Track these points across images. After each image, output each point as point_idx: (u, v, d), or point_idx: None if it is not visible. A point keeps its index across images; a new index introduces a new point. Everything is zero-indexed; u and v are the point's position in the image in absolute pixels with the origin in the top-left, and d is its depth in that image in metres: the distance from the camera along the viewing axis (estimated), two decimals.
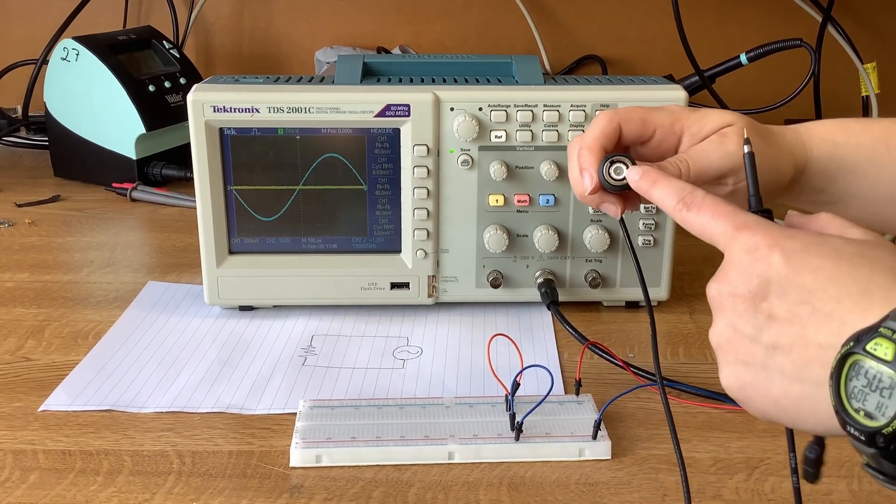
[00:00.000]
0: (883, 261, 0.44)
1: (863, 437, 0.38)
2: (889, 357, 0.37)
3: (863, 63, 1.36)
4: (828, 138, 0.60)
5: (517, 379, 0.63)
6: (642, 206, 0.79)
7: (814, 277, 0.42)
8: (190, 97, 0.76)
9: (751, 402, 0.45)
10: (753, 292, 0.43)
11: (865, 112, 1.45)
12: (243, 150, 0.78)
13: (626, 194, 0.57)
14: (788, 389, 0.43)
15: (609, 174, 0.55)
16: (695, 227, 0.50)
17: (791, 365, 0.42)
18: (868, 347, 0.38)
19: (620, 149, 0.58)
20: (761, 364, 0.43)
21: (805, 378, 0.42)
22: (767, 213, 0.52)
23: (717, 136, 0.58)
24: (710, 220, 0.49)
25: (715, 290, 0.46)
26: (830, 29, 1.41)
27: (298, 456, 0.60)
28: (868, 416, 0.38)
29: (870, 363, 0.38)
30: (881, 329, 0.38)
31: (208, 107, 0.76)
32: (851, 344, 0.39)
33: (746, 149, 0.57)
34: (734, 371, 0.45)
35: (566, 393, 0.69)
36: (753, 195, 0.53)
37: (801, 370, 0.42)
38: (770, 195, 0.59)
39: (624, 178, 0.55)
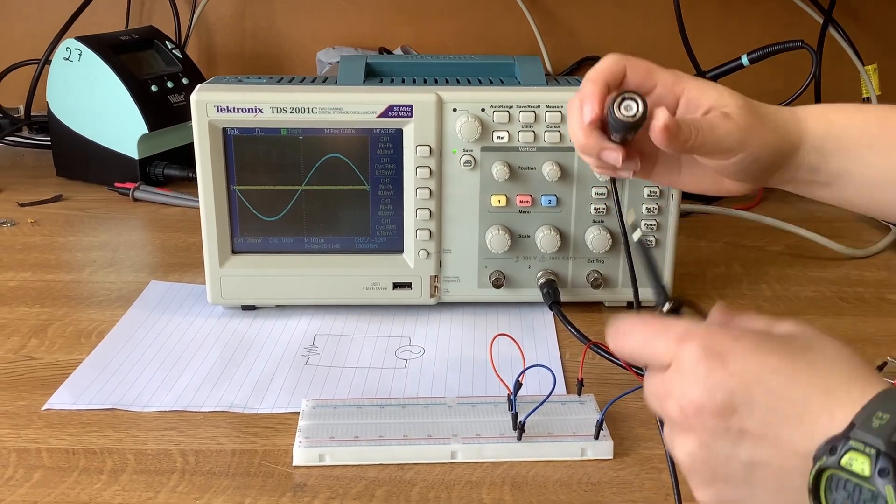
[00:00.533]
0: (830, 352, 0.44)
1: None
2: (867, 472, 0.38)
3: (864, 65, 1.36)
4: (823, 118, 0.60)
5: (519, 379, 0.63)
6: (644, 206, 0.80)
7: (776, 380, 0.42)
8: (193, 97, 0.76)
9: None
10: (721, 407, 0.42)
11: None
12: (246, 150, 0.78)
13: (627, 146, 0.55)
14: (772, 499, 0.43)
15: (619, 110, 0.53)
16: (627, 352, 0.48)
17: (772, 478, 0.42)
18: (843, 462, 0.38)
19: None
20: (742, 480, 0.43)
21: (787, 488, 0.42)
22: (679, 303, 0.50)
23: (720, 115, 0.57)
24: (650, 341, 0.46)
25: (677, 407, 0.44)
26: (831, 30, 1.42)
27: (302, 455, 0.60)
28: None
29: (847, 477, 0.38)
30: (852, 442, 0.38)
31: (212, 107, 0.76)
32: (824, 458, 0.39)
33: (635, 237, 0.57)
34: (715, 490, 0.44)
35: (568, 393, 0.70)
36: (655, 288, 0.51)
37: (782, 481, 0.42)
38: (766, 175, 0.60)
39: (634, 114, 0.52)
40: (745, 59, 1.14)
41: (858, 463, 0.38)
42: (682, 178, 0.62)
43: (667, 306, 0.49)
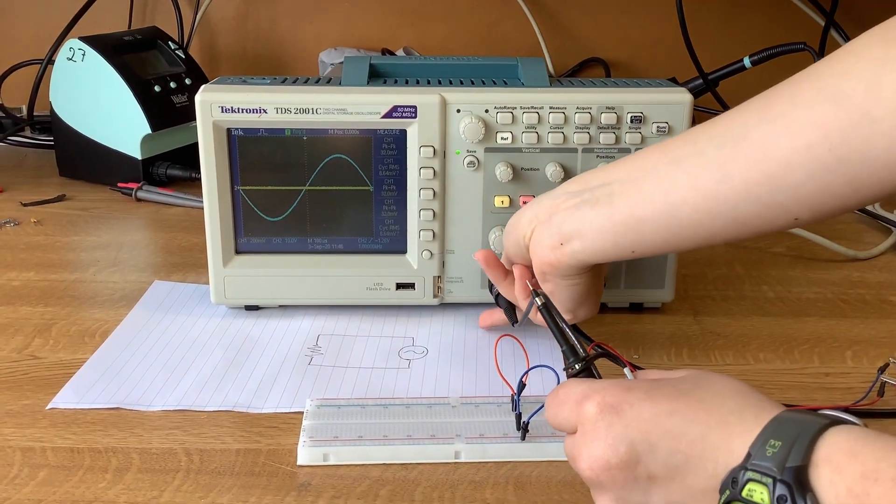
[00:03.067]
0: (720, 386, 0.46)
1: None
2: (766, 501, 0.39)
3: None
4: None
5: (523, 379, 0.63)
6: None
7: (672, 422, 0.44)
8: (198, 98, 0.76)
9: None
10: (625, 459, 0.44)
11: None
12: (250, 150, 0.78)
13: None
14: None
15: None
16: (554, 424, 0.51)
17: None
18: (745, 494, 0.40)
19: None
20: None
21: None
22: (587, 360, 0.55)
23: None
24: (557, 411, 0.49)
25: (587, 468, 0.46)
26: (833, 33, 1.42)
27: (306, 454, 0.60)
28: None
29: None
30: (749, 473, 0.40)
31: (216, 107, 0.76)
32: (728, 492, 0.41)
33: (539, 301, 0.60)
34: None
35: None
36: (565, 348, 0.56)
37: None
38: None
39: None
40: (747, 61, 1.14)
41: (758, 493, 0.39)
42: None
43: (577, 367, 0.54)
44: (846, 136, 0.48)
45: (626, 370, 0.55)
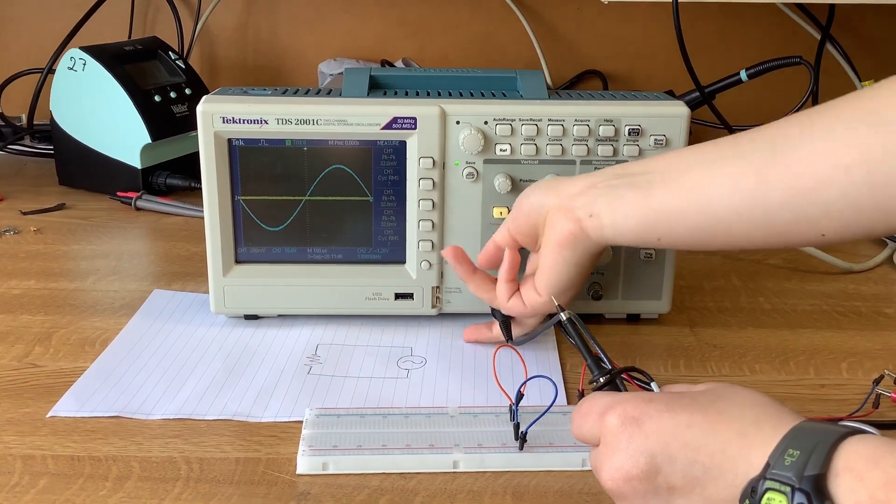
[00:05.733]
0: (740, 398, 0.47)
1: None
2: None
3: (861, 80, 1.38)
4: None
5: (521, 389, 0.64)
6: None
7: (692, 434, 0.45)
8: (200, 108, 0.77)
9: None
10: (645, 471, 0.45)
11: None
12: (251, 160, 0.79)
13: None
14: None
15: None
16: (578, 437, 0.52)
17: None
18: (763, 502, 0.41)
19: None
20: None
21: None
22: (612, 374, 0.56)
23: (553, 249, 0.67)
24: (581, 424, 0.51)
25: (609, 480, 0.47)
26: (829, 47, 1.43)
27: (305, 463, 0.61)
28: None
29: None
30: (768, 482, 0.41)
31: (217, 118, 0.77)
32: (747, 502, 0.41)
33: (564, 316, 0.62)
34: None
35: (569, 403, 0.70)
36: (590, 362, 0.58)
37: None
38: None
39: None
40: (743, 75, 1.15)
41: (777, 502, 0.40)
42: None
43: (601, 380, 0.55)
44: (883, 163, 0.50)
45: (653, 384, 0.56)
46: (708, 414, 0.45)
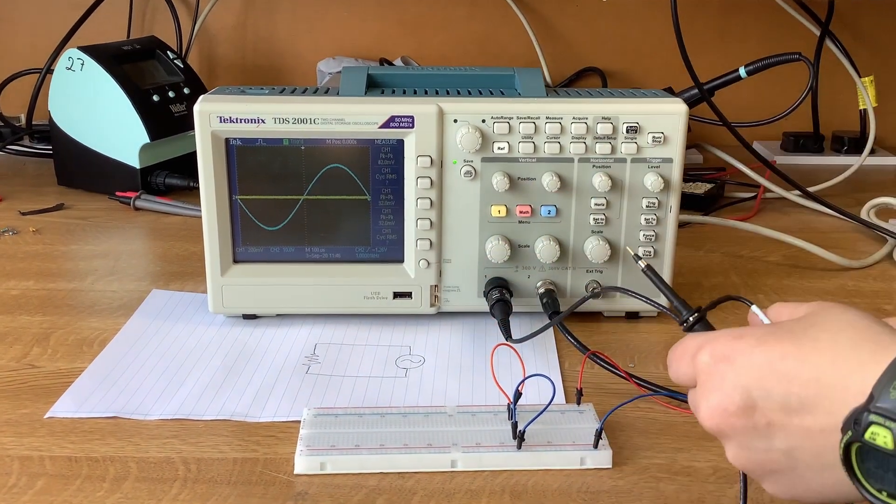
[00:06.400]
0: (836, 322, 0.44)
1: None
2: (890, 446, 0.38)
3: (860, 77, 1.38)
4: None
5: (519, 388, 0.64)
6: (642, 217, 0.80)
7: (785, 365, 0.43)
8: (197, 108, 0.77)
9: (802, 496, 0.45)
10: (742, 407, 0.44)
11: (863, 125, 1.47)
12: (249, 160, 0.79)
13: None
14: (821, 478, 0.44)
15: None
16: (675, 379, 0.50)
17: (811, 459, 0.43)
18: (867, 437, 0.39)
19: None
20: (787, 467, 0.45)
21: (828, 465, 0.42)
22: (699, 312, 0.53)
23: None
24: (677, 367, 0.49)
25: (708, 418, 0.46)
26: (829, 43, 1.43)
27: (303, 463, 0.61)
28: (891, 495, 0.39)
29: (874, 448, 0.39)
30: (872, 416, 0.39)
31: (215, 117, 0.77)
32: (850, 433, 0.40)
33: (642, 265, 0.60)
34: (772, 481, 0.46)
35: (567, 402, 0.70)
36: (676, 303, 0.55)
37: (820, 459, 0.43)
38: None
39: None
40: (742, 71, 1.15)
41: (881, 437, 0.38)
42: None
43: (690, 319, 0.53)
44: None
45: (754, 307, 0.53)
46: (801, 343, 0.43)
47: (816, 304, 0.47)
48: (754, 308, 0.53)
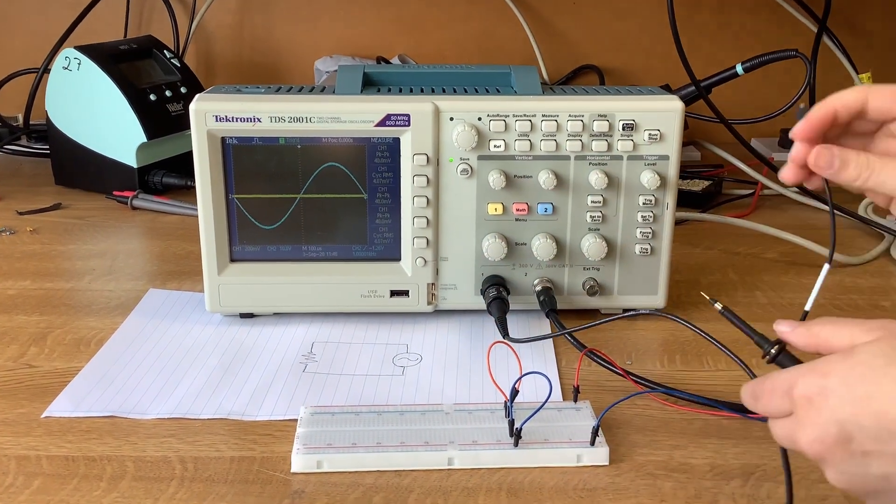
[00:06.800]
0: None
1: None
2: None
3: (858, 73, 1.38)
4: None
5: (516, 385, 0.64)
6: (639, 214, 0.80)
7: (873, 406, 0.46)
8: (192, 107, 0.77)
9: None
10: (838, 440, 0.47)
11: None
12: (245, 158, 0.79)
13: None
14: None
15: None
16: (763, 412, 0.53)
17: None
18: None
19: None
20: (886, 488, 0.48)
21: None
22: (781, 344, 0.55)
23: None
24: (768, 402, 0.52)
25: (808, 448, 0.49)
26: (826, 39, 1.43)
27: (299, 462, 0.61)
28: None
29: None
30: None
31: (210, 116, 0.77)
32: None
33: (719, 307, 0.61)
34: (872, 499, 0.49)
35: (564, 399, 0.70)
36: (756, 339, 0.56)
37: None
38: None
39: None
40: (739, 68, 1.15)
41: None
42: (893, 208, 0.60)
43: (772, 351, 0.55)
44: None
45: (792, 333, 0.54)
46: (883, 384, 0.46)
47: (879, 327, 0.50)
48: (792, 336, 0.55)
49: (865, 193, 0.58)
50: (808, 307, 0.57)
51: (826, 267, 0.58)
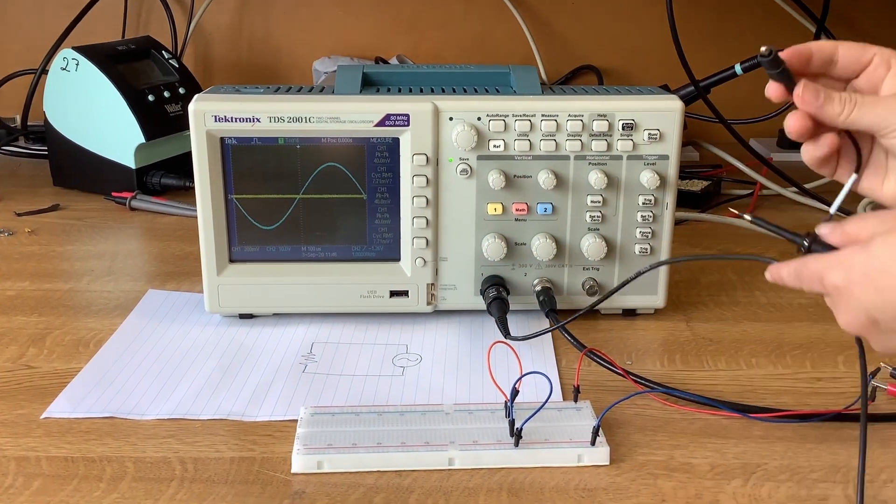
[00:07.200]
0: None
1: None
2: None
3: None
4: None
5: (516, 385, 0.64)
6: (639, 214, 0.80)
7: (891, 294, 0.51)
8: (192, 107, 0.77)
9: None
10: (867, 323, 0.53)
11: None
12: (244, 159, 0.79)
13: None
14: None
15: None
16: (801, 287, 0.58)
17: None
18: None
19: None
20: None
21: None
22: (812, 236, 0.58)
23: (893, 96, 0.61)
24: (810, 287, 0.56)
25: (844, 327, 0.55)
26: (824, 39, 1.43)
27: (300, 462, 0.61)
28: None
29: None
30: None
31: (209, 116, 0.77)
32: None
33: (748, 217, 0.63)
34: None
35: (565, 399, 0.70)
36: (788, 236, 0.60)
37: None
38: None
39: (765, 54, 0.58)
40: (738, 69, 1.15)
41: None
42: (885, 187, 0.64)
43: (804, 245, 0.58)
44: None
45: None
46: None
47: (892, 217, 0.54)
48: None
49: (850, 130, 0.62)
50: (833, 210, 0.61)
51: (854, 177, 0.62)
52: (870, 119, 0.60)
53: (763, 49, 0.60)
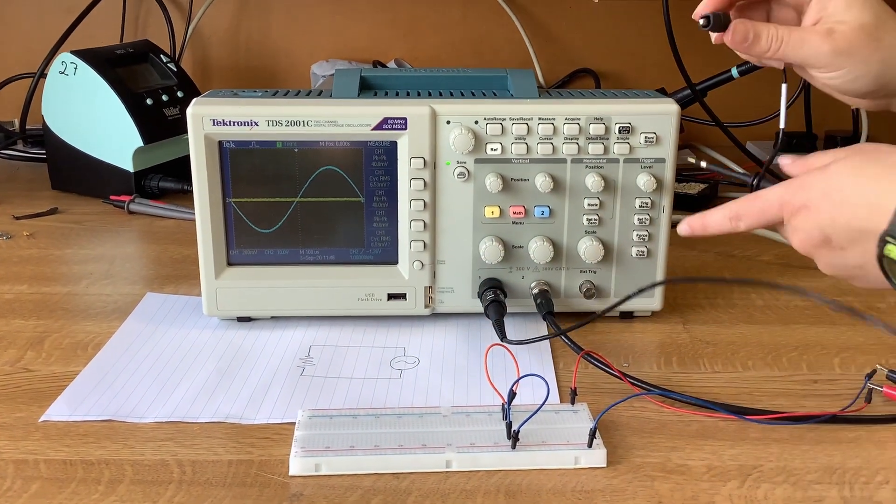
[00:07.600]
0: (875, 160, 0.57)
1: None
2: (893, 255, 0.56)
3: None
4: None
5: (513, 388, 0.64)
6: (636, 217, 0.81)
7: (845, 211, 0.57)
8: (189, 111, 0.77)
9: (875, 288, 0.61)
10: (820, 241, 0.59)
11: (855, 124, 1.47)
12: (242, 162, 0.79)
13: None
14: (882, 279, 0.59)
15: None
16: (751, 227, 0.65)
17: (873, 268, 0.59)
18: (886, 252, 0.56)
19: None
20: (861, 275, 0.61)
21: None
22: (758, 175, 0.67)
23: (823, 30, 0.67)
24: (762, 216, 0.63)
25: (798, 248, 0.62)
26: None
27: (298, 465, 0.61)
28: None
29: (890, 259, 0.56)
30: (888, 237, 0.55)
31: (207, 120, 0.77)
32: (876, 250, 0.57)
33: (703, 165, 0.70)
34: (853, 281, 0.63)
35: (562, 402, 0.70)
36: (737, 175, 0.69)
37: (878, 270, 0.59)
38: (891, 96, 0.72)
39: (709, 23, 0.68)
40: (735, 72, 1.15)
41: (894, 253, 0.55)
42: (814, 78, 0.73)
43: (752, 184, 0.68)
44: None
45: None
46: (852, 192, 0.57)
47: (849, 148, 0.60)
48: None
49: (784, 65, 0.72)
50: (782, 126, 0.70)
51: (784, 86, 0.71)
52: (795, 56, 0.68)
53: (701, 21, 0.65)
